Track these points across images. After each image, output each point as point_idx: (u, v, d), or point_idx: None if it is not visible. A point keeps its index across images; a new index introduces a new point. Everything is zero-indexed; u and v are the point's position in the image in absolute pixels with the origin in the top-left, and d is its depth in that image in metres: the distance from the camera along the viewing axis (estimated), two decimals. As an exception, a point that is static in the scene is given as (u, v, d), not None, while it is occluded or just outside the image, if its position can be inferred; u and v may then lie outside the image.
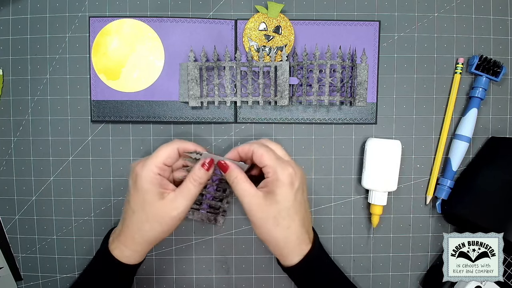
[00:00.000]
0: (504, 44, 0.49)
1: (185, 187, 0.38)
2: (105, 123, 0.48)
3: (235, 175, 0.38)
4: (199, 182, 0.39)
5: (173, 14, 0.48)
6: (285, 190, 0.37)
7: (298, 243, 0.38)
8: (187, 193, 0.38)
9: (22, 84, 0.48)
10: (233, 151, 0.40)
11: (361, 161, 0.49)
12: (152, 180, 0.37)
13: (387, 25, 0.48)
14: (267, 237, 0.38)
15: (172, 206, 0.38)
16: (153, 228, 0.38)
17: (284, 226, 0.37)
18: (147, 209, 0.37)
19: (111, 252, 0.40)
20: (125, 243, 0.39)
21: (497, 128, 0.49)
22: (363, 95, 0.47)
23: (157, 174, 0.38)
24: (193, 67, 0.45)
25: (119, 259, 0.39)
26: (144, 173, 0.38)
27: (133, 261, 0.40)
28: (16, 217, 0.49)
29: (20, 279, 0.49)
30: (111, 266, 0.40)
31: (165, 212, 0.37)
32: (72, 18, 0.48)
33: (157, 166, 0.38)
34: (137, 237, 0.39)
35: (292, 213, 0.37)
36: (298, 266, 0.38)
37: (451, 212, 0.48)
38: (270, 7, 0.46)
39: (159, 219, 0.38)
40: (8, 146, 0.48)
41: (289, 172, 0.37)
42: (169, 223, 0.38)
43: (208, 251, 0.49)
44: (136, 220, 0.38)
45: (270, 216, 0.37)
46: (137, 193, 0.38)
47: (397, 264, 0.50)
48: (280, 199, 0.37)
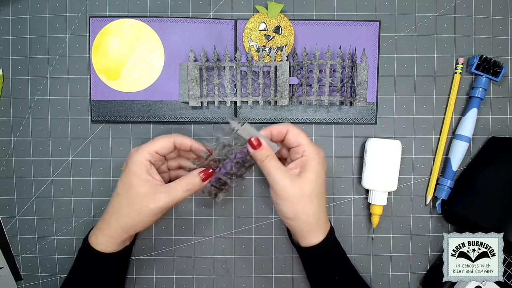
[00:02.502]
0: (504, 44, 0.49)
1: (173, 187, 0.38)
2: (105, 123, 0.48)
3: (267, 153, 0.38)
4: (189, 189, 0.38)
5: (173, 14, 0.48)
6: (319, 169, 0.38)
7: (325, 221, 0.40)
8: (173, 194, 0.38)
9: (22, 84, 0.48)
10: (266, 130, 0.40)
11: (361, 161, 0.49)
12: (141, 165, 0.38)
13: (387, 25, 0.48)
14: (299, 214, 0.38)
15: (153, 198, 0.38)
16: (129, 214, 0.38)
17: (316, 204, 0.38)
18: (129, 192, 0.38)
19: (88, 239, 0.40)
20: (101, 228, 0.40)
21: (497, 128, 0.49)
22: (363, 95, 0.47)
23: (148, 160, 0.39)
24: (193, 67, 0.45)
25: (94, 246, 0.40)
26: (136, 157, 0.39)
27: (107, 249, 0.40)
28: (16, 217, 0.49)
29: (20, 279, 0.49)
30: (87, 254, 0.41)
31: (145, 201, 0.38)
32: (72, 18, 0.48)
33: (149, 153, 0.39)
34: (113, 222, 0.39)
35: (322, 192, 0.39)
36: (320, 244, 0.39)
37: (451, 212, 0.48)
38: (270, 7, 0.46)
39: (137, 207, 0.38)
40: (8, 146, 0.48)
41: (322, 154, 0.40)
42: (146, 213, 0.38)
43: (208, 251, 0.49)
44: (117, 203, 0.39)
45: (304, 193, 0.38)
46: (125, 175, 0.39)
47: (397, 264, 0.50)
48: (314, 177, 0.38)
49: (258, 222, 0.49)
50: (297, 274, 0.49)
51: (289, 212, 0.38)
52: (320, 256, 0.41)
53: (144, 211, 0.38)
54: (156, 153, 0.39)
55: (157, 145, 0.39)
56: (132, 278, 0.49)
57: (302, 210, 0.38)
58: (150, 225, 0.41)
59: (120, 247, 0.41)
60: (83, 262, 0.42)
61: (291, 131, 0.40)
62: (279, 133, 0.40)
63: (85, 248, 0.41)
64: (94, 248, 0.40)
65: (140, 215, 0.38)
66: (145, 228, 0.40)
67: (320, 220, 0.39)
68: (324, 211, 0.40)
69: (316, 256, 0.41)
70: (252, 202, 0.49)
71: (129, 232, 0.40)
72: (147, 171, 0.39)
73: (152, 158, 0.39)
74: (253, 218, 0.49)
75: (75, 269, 0.42)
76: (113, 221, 0.39)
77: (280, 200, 0.38)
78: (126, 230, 0.39)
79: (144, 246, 0.49)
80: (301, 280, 0.49)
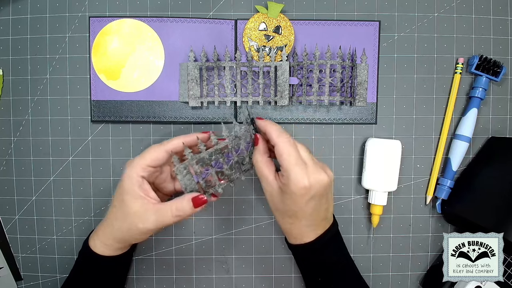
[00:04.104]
0: (504, 44, 0.49)
1: (164, 210, 0.37)
2: (105, 123, 0.48)
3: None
4: (179, 215, 0.37)
5: (173, 14, 0.48)
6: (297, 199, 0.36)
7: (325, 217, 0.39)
8: (161, 218, 0.37)
9: (22, 84, 0.48)
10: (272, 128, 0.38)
11: (361, 161, 0.49)
12: (133, 181, 0.37)
13: (387, 25, 0.48)
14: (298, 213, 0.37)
15: (142, 218, 0.37)
16: (121, 229, 0.38)
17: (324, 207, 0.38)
18: (122, 208, 0.38)
19: (88, 241, 0.41)
20: (98, 234, 0.40)
21: (497, 128, 0.49)
22: (363, 95, 0.47)
23: (140, 176, 0.37)
24: (193, 67, 0.45)
25: (92, 248, 0.40)
26: (129, 172, 0.38)
27: (104, 253, 0.40)
28: (16, 217, 0.49)
29: (20, 279, 0.49)
30: (85, 256, 0.41)
31: (134, 219, 0.37)
32: (72, 18, 0.48)
33: (142, 167, 0.38)
34: (107, 231, 0.40)
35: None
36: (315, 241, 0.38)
37: (451, 212, 0.48)
38: (270, 7, 0.46)
39: (128, 223, 0.37)
40: (8, 146, 0.48)
41: (302, 185, 0.35)
42: (135, 231, 0.38)
43: (208, 251, 0.49)
44: (113, 215, 0.39)
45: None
46: (119, 190, 0.38)
47: (397, 264, 0.50)
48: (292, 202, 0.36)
49: (258, 222, 0.49)
50: (297, 274, 0.49)
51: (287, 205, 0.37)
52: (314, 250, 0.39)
53: (133, 229, 0.38)
54: (148, 166, 0.38)
55: (148, 157, 0.38)
56: (132, 278, 0.49)
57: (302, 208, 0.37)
58: (144, 240, 0.41)
59: (116, 253, 0.41)
60: (82, 263, 0.42)
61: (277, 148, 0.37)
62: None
63: (84, 250, 0.41)
64: (92, 250, 0.40)
65: (130, 232, 0.38)
66: (138, 241, 0.40)
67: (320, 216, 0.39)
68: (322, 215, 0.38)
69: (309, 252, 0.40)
70: (252, 202, 0.49)
71: (122, 243, 0.40)
72: (140, 187, 0.37)
73: (144, 172, 0.38)
74: (253, 218, 0.49)
75: (75, 270, 0.43)
76: (107, 231, 0.40)
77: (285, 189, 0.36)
78: (118, 241, 0.40)
79: (144, 246, 0.49)
80: (301, 280, 0.49)
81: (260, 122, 0.39)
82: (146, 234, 0.38)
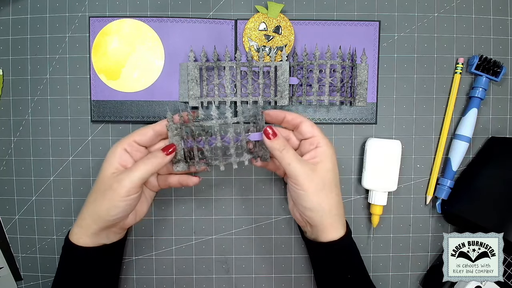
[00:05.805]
0: (504, 44, 0.49)
1: (135, 164, 0.38)
2: (105, 123, 0.48)
3: (284, 143, 0.38)
4: (152, 161, 0.38)
5: (173, 14, 0.48)
6: (335, 160, 0.40)
7: (343, 212, 0.41)
8: (134, 170, 0.38)
9: (22, 84, 0.48)
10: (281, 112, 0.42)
11: (361, 161, 0.49)
12: (114, 152, 0.39)
13: (387, 25, 0.48)
14: (322, 204, 0.38)
15: (117, 178, 0.38)
16: (96, 200, 0.38)
17: (336, 194, 0.39)
18: (99, 178, 0.39)
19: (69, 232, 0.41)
20: (77, 219, 0.40)
21: (497, 128, 0.49)
22: (363, 95, 0.47)
23: (123, 148, 0.39)
24: (193, 67, 0.45)
25: (69, 237, 0.40)
26: (113, 147, 0.40)
27: (80, 240, 0.39)
28: (16, 217, 0.49)
29: (20, 279, 0.49)
30: (64, 247, 0.41)
31: (109, 182, 0.38)
32: (72, 18, 0.48)
33: (128, 143, 0.40)
34: (84, 210, 0.39)
35: (338, 183, 0.40)
36: (343, 238, 0.39)
37: (451, 212, 0.48)
38: (270, 7, 0.46)
39: (103, 189, 0.38)
40: (8, 146, 0.48)
41: (333, 145, 0.41)
42: (110, 196, 0.37)
43: (208, 251, 0.49)
44: (91, 192, 0.39)
45: (326, 183, 0.38)
46: (102, 165, 0.40)
47: (397, 264, 0.50)
48: (332, 167, 0.39)
49: (258, 222, 0.49)
50: (297, 274, 0.49)
51: (311, 203, 0.38)
52: (340, 251, 0.40)
53: (108, 194, 0.37)
54: (134, 142, 0.40)
55: (135, 134, 0.41)
56: (132, 278, 0.49)
57: (324, 200, 0.38)
58: (120, 218, 0.39)
59: (93, 241, 0.39)
60: (62, 255, 0.41)
61: (305, 122, 0.41)
62: (292, 120, 0.41)
63: (64, 242, 0.40)
64: (69, 239, 0.39)
65: (105, 199, 0.37)
66: (114, 218, 0.38)
67: (341, 211, 0.40)
68: (342, 201, 0.41)
69: (336, 251, 0.40)
70: (252, 202, 0.49)
71: (97, 223, 0.38)
72: (119, 157, 0.39)
73: (128, 146, 0.40)
74: (253, 218, 0.49)
75: (58, 266, 0.42)
76: (84, 210, 0.39)
77: (302, 190, 0.38)
78: (94, 220, 0.38)
79: (144, 246, 0.49)
80: (301, 280, 0.49)
81: (274, 111, 0.42)
82: (123, 197, 0.37)
